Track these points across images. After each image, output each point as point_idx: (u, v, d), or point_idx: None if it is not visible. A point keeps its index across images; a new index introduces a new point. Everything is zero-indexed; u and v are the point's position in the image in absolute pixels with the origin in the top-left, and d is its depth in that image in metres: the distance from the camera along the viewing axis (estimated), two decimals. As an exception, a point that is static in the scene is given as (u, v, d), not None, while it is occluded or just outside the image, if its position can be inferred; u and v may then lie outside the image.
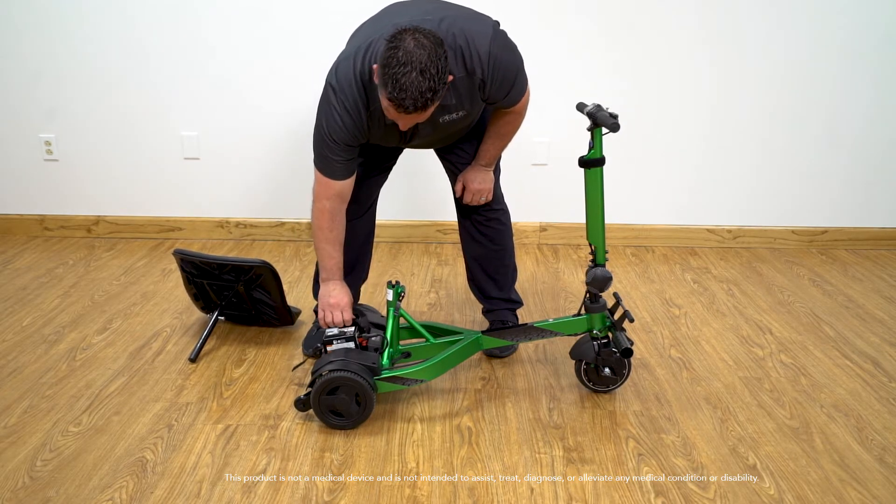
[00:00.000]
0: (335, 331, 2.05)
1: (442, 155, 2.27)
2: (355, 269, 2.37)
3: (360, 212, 2.26)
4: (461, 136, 2.17)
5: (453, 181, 2.27)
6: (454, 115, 1.96)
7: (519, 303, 2.46)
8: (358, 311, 2.15)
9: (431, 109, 1.74)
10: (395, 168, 2.30)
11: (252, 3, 3.03)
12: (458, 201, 2.30)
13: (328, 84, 1.89)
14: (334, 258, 2.09)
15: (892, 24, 3.06)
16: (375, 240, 2.42)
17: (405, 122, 1.80)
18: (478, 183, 2.18)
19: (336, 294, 2.10)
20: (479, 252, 2.35)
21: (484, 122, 2.15)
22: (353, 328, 2.06)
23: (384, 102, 1.74)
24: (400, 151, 2.26)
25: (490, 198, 2.23)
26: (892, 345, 2.48)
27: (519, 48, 1.97)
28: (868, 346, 2.47)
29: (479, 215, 2.28)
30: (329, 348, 2.01)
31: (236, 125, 3.20)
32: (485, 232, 2.30)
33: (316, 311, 2.41)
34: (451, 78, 1.78)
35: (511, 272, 2.42)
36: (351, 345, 2.02)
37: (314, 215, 2.05)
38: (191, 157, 3.26)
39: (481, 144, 2.15)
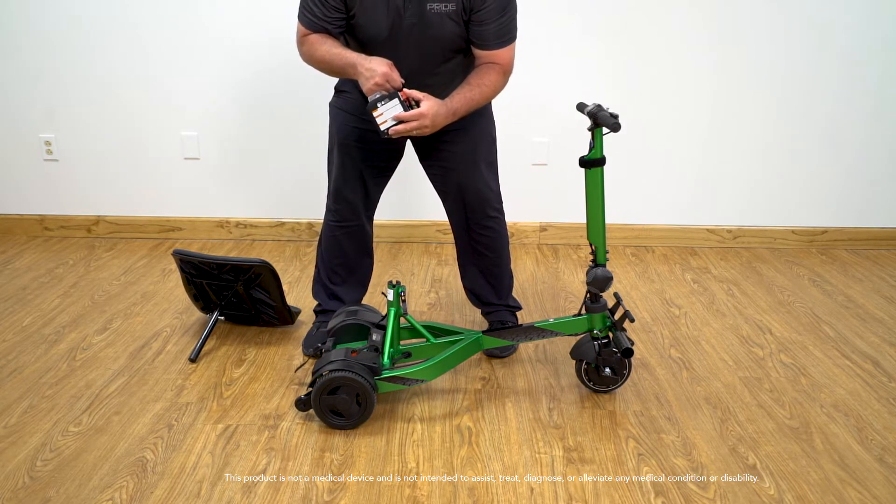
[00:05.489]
0: (377, 95, 1.88)
1: (426, 160, 2.23)
2: (355, 274, 2.36)
3: (354, 215, 2.23)
4: (446, 59, 2.05)
5: (439, 190, 2.25)
6: (442, 7, 1.93)
7: (518, 307, 2.46)
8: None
9: None
10: (394, 168, 2.29)
11: (253, 3, 3.04)
12: (451, 211, 2.28)
13: None
14: (345, 54, 1.95)
15: (894, 25, 3.06)
16: (375, 240, 2.41)
17: None
18: (429, 110, 1.90)
19: (374, 67, 1.89)
20: (474, 260, 2.33)
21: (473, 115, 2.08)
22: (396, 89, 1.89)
23: None
24: (398, 151, 2.23)
25: (418, 132, 1.96)
26: (892, 345, 2.48)
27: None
28: (868, 346, 2.47)
29: (474, 223, 2.25)
30: (375, 112, 1.86)
31: (236, 125, 3.20)
32: (480, 240, 2.28)
33: (316, 312, 2.41)
34: None
35: (508, 279, 2.40)
36: (396, 101, 1.85)
37: (307, 57, 2.03)
38: (191, 157, 3.26)
39: (456, 88, 2.00)
